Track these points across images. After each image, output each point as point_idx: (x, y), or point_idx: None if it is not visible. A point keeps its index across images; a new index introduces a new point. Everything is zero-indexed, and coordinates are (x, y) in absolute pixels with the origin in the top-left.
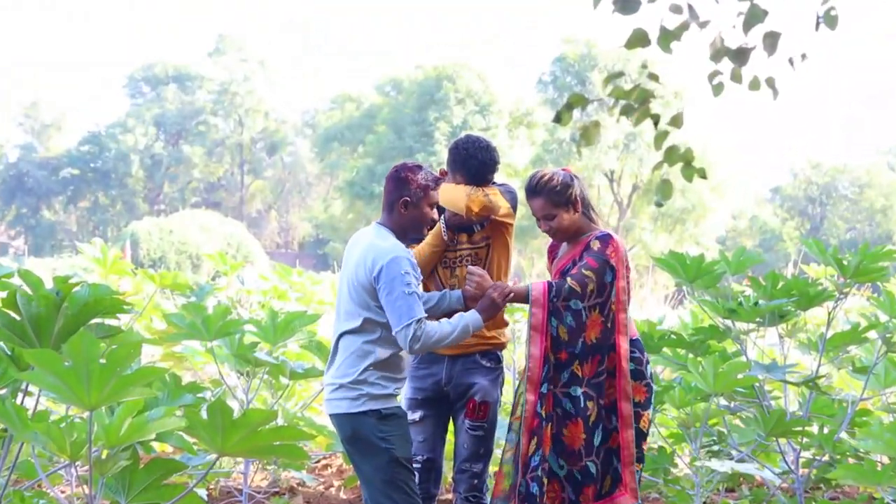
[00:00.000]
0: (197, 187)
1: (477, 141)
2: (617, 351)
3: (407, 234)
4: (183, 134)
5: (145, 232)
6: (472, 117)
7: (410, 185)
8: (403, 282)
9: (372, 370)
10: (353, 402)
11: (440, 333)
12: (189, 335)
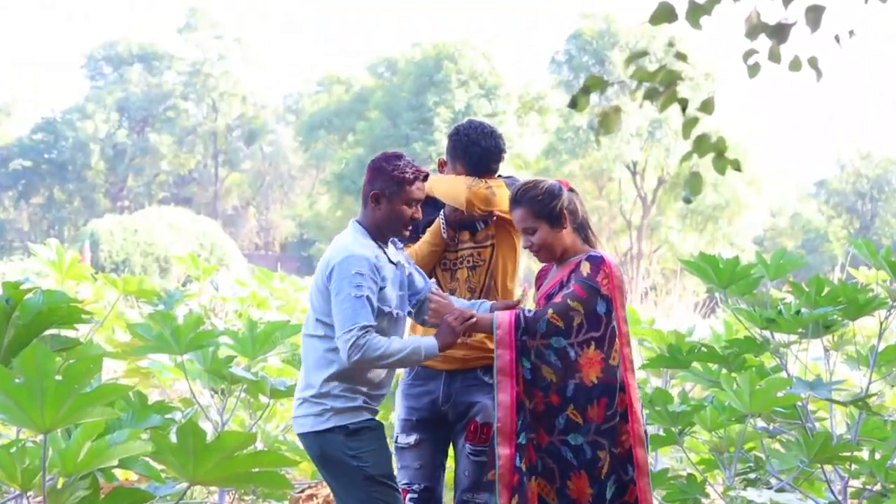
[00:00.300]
0: (165, 181)
1: (480, 126)
2: (627, 391)
3: (383, 233)
4: (149, 120)
5: (107, 231)
6: (477, 102)
7: (383, 177)
8: (352, 283)
9: (335, 382)
10: (317, 418)
11: (385, 350)
12: (156, 348)
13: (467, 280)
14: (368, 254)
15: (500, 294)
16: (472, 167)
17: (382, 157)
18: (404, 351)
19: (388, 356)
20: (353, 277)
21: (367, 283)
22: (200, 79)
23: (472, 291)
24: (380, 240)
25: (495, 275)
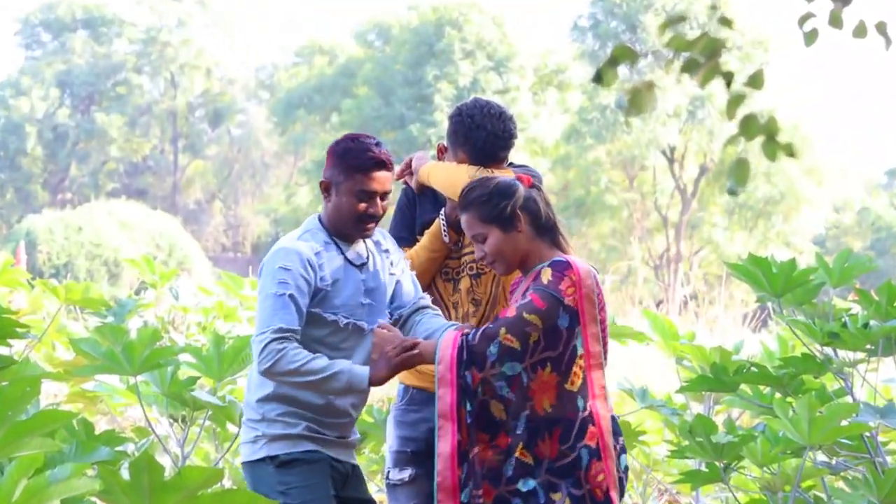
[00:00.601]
0: (115, 170)
1: (486, 106)
2: (596, 422)
3: (339, 231)
4: (96, 98)
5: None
6: (485, 76)
7: (333, 164)
8: (275, 280)
9: (273, 403)
10: (251, 446)
11: (302, 365)
12: (105, 368)
13: (470, 290)
14: (304, 248)
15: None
16: (476, 155)
17: (342, 139)
18: (325, 373)
19: (304, 373)
20: (277, 273)
21: (295, 280)
22: (156, 48)
23: (477, 304)
24: (341, 238)
25: (505, 284)
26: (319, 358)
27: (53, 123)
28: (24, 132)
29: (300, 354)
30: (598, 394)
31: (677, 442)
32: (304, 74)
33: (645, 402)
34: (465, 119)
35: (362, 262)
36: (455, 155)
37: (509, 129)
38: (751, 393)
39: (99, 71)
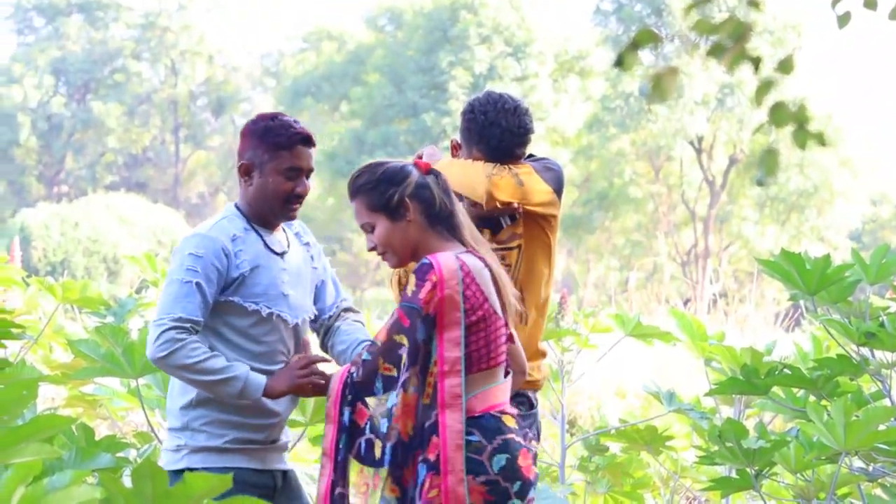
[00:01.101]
0: (113, 161)
1: (500, 101)
2: (441, 433)
3: (263, 215)
4: (92, 86)
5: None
6: (503, 62)
7: (252, 144)
8: (184, 265)
9: (198, 410)
10: (172, 454)
11: (198, 362)
12: (105, 370)
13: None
14: (219, 235)
15: (531, 304)
16: (492, 153)
17: (252, 120)
18: (220, 375)
19: (199, 371)
20: (186, 259)
21: (205, 268)
22: (156, 34)
23: None
24: (261, 224)
25: (524, 282)
26: (218, 357)
27: (48, 113)
28: (17, 122)
29: (198, 350)
30: (448, 403)
31: (706, 447)
32: (311, 61)
33: (672, 406)
34: (479, 116)
35: (283, 251)
36: (469, 153)
37: (525, 123)
38: (783, 396)
39: (95, 57)
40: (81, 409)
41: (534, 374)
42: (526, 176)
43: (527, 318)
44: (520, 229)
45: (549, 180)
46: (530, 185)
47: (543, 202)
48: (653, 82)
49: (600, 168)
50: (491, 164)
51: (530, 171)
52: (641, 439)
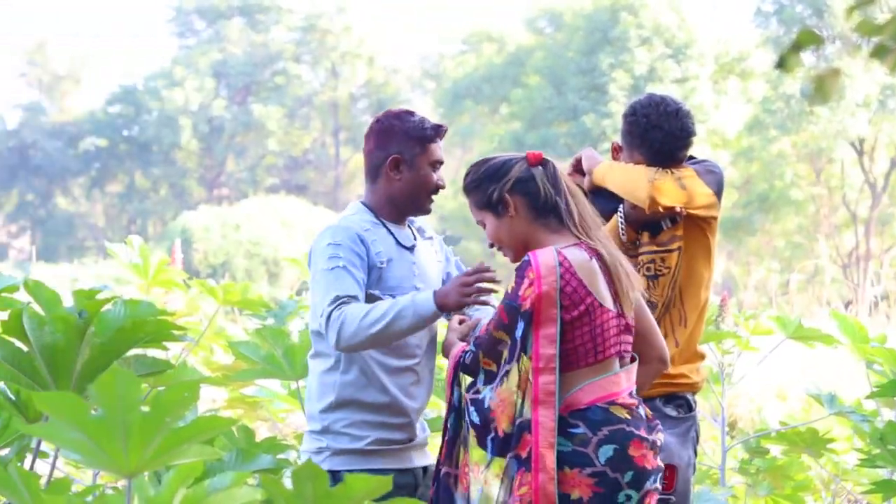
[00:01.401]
0: (273, 164)
1: (662, 104)
2: (533, 429)
3: (401, 208)
4: (253, 89)
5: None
6: (662, 64)
7: (398, 138)
8: (325, 256)
9: (339, 413)
10: (314, 457)
11: (364, 318)
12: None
13: (647, 292)
14: (353, 225)
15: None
16: (654, 156)
17: (388, 115)
18: (389, 315)
19: (371, 325)
20: (326, 250)
21: (347, 253)
22: (316, 36)
23: (653, 306)
24: (392, 219)
25: (684, 285)
26: (377, 304)
27: (209, 116)
28: (179, 125)
29: (357, 310)
30: (542, 400)
31: (868, 450)
32: (471, 63)
33: (833, 408)
34: (641, 119)
35: (412, 245)
36: (631, 156)
37: (687, 127)
38: None
39: (256, 60)
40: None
41: (692, 376)
42: (688, 179)
43: (685, 320)
44: (680, 231)
45: (710, 183)
46: (693, 188)
47: (705, 205)
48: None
49: (761, 170)
50: (653, 168)
51: (693, 175)
52: (802, 442)
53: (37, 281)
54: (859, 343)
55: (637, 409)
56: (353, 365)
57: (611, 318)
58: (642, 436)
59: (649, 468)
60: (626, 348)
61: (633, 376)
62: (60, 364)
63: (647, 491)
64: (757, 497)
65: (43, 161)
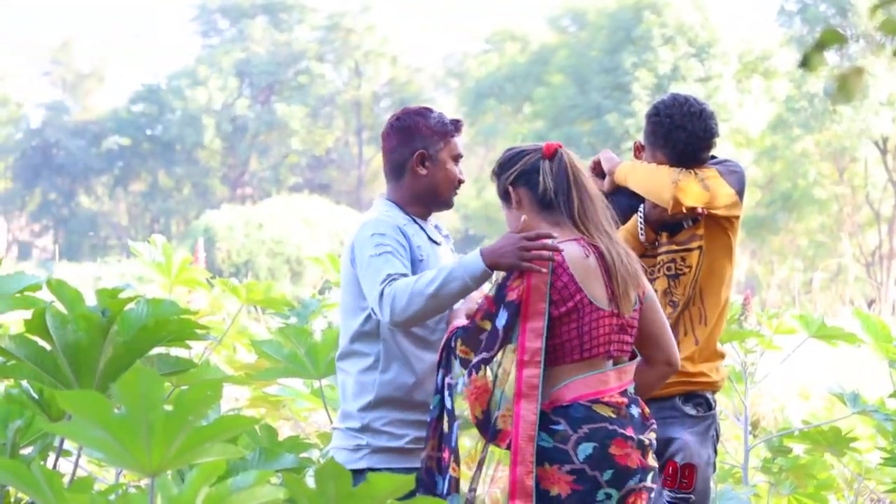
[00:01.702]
0: (297, 163)
1: (686, 104)
2: (515, 422)
3: (426, 203)
4: (276, 88)
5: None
6: (686, 63)
7: (422, 134)
8: (371, 244)
9: (378, 411)
10: (350, 454)
11: (416, 287)
12: (288, 371)
13: (668, 292)
14: (389, 219)
15: (709, 308)
16: (677, 157)
17: (406, 113)
18: (440, 275)
19: (422, 292)
20: (370, 240)
21: (392, 242)
22: (339, 35)
23: (675, 305)
24: (418, 214)
25: (704, 283)
26: (424, 272)
27: (232, 115)
28: (202, 124)
29: (404, 283)
30: (525, 393)
31: (890, 449)
32: (494, 62)
33: (856, 408)
34: (664, 119)
35: (438, 242)
36: (653, 156)
37: (710, 128)
38: None
39: (279, 59)
40: (265, 410)
41: (712, 375)
42: (712, 180)
43: (706, 319)
44: (700, 230)
45: (732, 183)
46: (715, 189)
47: (727, 204)
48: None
49: (784, 169)
50: (676, 169)
51: (716, 175)
52: (825, 441)
53: (60, 280)
54: (882, 342)
55: (627, 407)
56: (393, 363)
57: (602, 316)
58: (626, 434)
59: (633, 467)
60: (620, 348)
61: (626, 375)
62: (83, 363)
63: (632, 490)
64: (780, 496)
65: (66, 160)
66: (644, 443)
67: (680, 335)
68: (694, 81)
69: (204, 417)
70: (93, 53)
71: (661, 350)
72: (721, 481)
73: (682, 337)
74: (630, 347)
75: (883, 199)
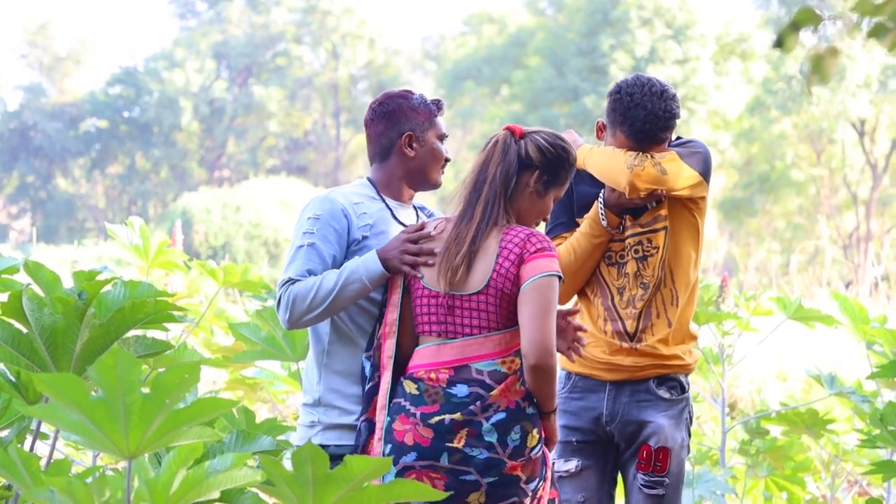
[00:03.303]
0: (274, 145)
1: (648, 84)
2: (379, 394)
3: (416, 183)
4: (254, 70)
5: (202, 209)
6: (663, 45)
7: (407, 115)
8: (302, 230)
9: (328, 387)
10: (307, 430)
11: (316, 291)
12: (265, 354)
13: (638, 275)
14: (338, 197)
15: (678, 287)
16: (634, 135)
17: (391, 97)
18: (339, 283)
19: (323, 298)
20: (305, 223)
21: (322, 229)
22: (317, 17)
23: (645, 287)
24: (398, 196)
25: (672, 264)
26: (325, 275)
27: (210, 97)
28: (179, 106)
29: (304, 287)
30: (385, 364)
31: (868, 431)
32: (472, 44)
33: (833, 389)
34: (625, 97)
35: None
36: (613, 135)
37: (671, 108)
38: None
39: (257, 42)
40: (242, 393)
41: (686, 357)
42: (669, 163)
43: (677, 300)
44: (664, 211)
45: (694, 164)
46: (674, 171)
47: (689, 186)
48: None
49: (762, 151)
50: (633, 154)
51: (674, 158)
52: (802, 423)
53: (37, 262)
54: (859, 324)
55: (447, 385)
56: (342, 339)
57: (424, 295)
58: (410, 411)
59: (409, 444)
60: (447, 328)
61: (446, 353)
62: (60, 345)
63: (409, 467)
64: (757, 478)
65: (43, 142)
66: (442, 423)
67: (653, 317)
68: (671, 63)
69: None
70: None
71: (524, 344)
72: (698, 463)
73: (655, 319)
74: (467, 328)
75: (860, 181)
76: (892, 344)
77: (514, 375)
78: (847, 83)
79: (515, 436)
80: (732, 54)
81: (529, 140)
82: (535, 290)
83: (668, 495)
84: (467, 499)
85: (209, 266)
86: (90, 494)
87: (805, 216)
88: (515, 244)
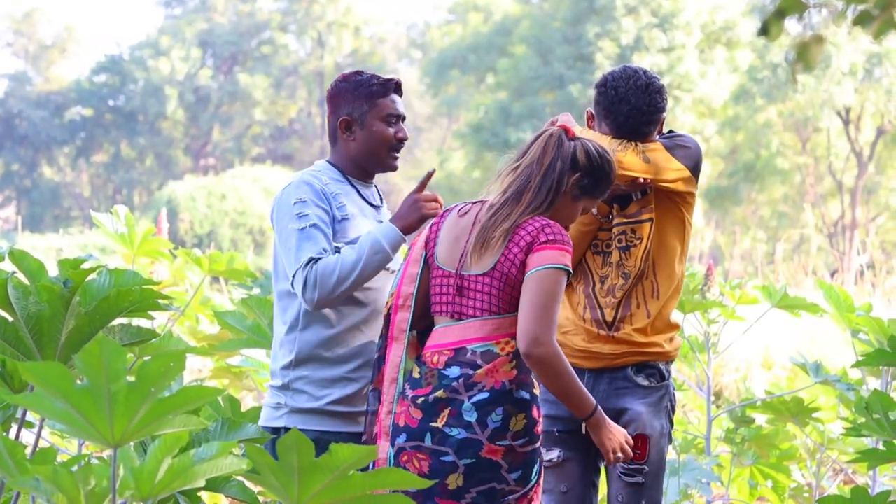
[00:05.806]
0: (259, 134)
1: (634, 77)
2: (385, 364)
3: (364, 167)
4: (239, 58)
5: (187, 197)
6: (649, 33)
7: (347, 97)
8: (293, 214)
9: (299, 370)
10: (272, 412)
11: (341, 267)
12: (251, 342)
13: (620, 264)
14: (312, 179)
15: (662, 282)
16: (618, 129)
17: (337, 80)
18: (362, 254)
19: (350, 272)
20: (293, 208)
21: (313, 209)
22: (302, 6)
23: (626, 277)
24: (357, 177)
25: (656, 256)
26: (344, 252)
27: (195, 85)
28: (164, 95)
29: (329, 264)
30: (395, 336)
31: (853, 419)
32: (457, 33)
33: (819, 377)
34: (609, 91)
35: (378, 205)
36: (599, 127)
37: (655, 102)
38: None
39: (242, 30)
40: (227, 381)
41: (665, 345)
42: (653, 153)
43: (658, 293)
44: (651, 203)
45: (681, 158)
46: (658, 162)
47: (674, 179)
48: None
49: (747, 139)
50: (616, 141)
51: (659, 149)
52: (788, 411)
53: (22, 251)
54: (845, 312)
55: (444, 367)
56: (313, 321)
57: (439, 275)
58: (405, 393)
59: (400, 425)
60: (456, 309)
61: (450, 335)
62: (45, 334)
63: (402, 448)
64: (742, 466)
65: (28, 131)
66: (427, 402)
67: (632, 307)
68: (657, 52)
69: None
70: (55, 24)
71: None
72: (684, 452)
73: (635, 309)
74: (472, 310)
75: (846, 169)
76: (877, 332)
77: (505, 357)
78: (832, 71)
79: (497, 417)
80: (718, 42)
81: (580, 143)
82: (537, 280)
83: (648, 483)
84: (446, 480)
85: (194, 254)
86: (75, 483)
87: (790, 204)
88: (528, 232)
